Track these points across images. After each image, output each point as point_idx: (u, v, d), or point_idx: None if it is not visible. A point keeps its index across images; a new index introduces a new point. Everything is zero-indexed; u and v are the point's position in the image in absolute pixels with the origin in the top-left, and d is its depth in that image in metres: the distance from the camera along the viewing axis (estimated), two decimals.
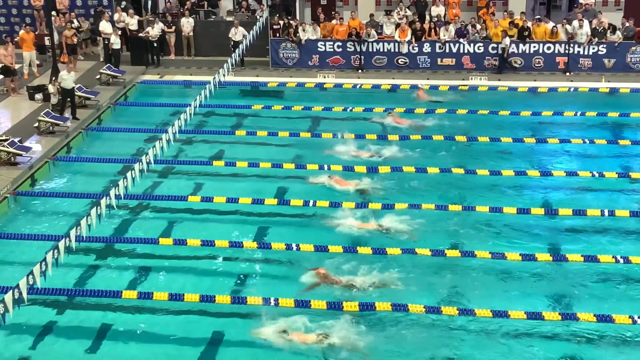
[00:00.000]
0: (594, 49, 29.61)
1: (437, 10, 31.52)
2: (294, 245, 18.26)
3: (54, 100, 25.81)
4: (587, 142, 24.15)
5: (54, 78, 26.49)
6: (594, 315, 15.81)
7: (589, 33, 29.49)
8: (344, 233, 19.17)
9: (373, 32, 30.49)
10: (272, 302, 16.13)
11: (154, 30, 30.87)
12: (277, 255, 18.30)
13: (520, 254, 17.97)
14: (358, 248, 18.29)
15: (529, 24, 30.03)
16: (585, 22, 29.55)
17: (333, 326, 15.57)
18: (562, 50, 29.75)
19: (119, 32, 30.59)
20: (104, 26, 30.49)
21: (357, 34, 30.49)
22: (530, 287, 17.27)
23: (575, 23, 29.64)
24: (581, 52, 29.69)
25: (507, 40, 29.59)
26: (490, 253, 17.95)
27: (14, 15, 33.72)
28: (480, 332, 15.81)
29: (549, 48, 29.83)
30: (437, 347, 15.35)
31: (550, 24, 30.02)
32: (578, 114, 26.30)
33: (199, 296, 16.47)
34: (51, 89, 26.01)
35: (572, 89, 28.60)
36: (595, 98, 28.16)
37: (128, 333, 15.91)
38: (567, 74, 29.68)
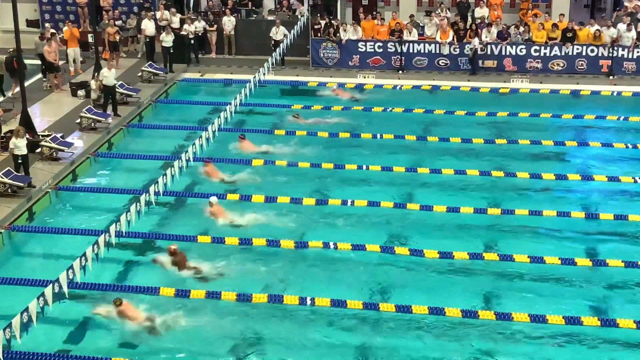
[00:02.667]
0: (638, 52, 29.21)
1: (481, 11, 31.23)
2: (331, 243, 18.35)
3: (94, 96, 26.04)
4: (630, 146, 23.90)
5: (96, 74, 26.76)
6: (635, 322, 15.66)
7: (634, 36, 29.09)
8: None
9: (414, 30, 30.34)
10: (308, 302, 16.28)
11: (191, 28, 30.88)
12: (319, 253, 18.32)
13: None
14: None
15: (573, 26, 29.67)
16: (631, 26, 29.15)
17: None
18: (605, 54, 29.39)
19: (165, 31, 30.60)
20: (145, 24, 30.68)
21: (399, 32, 30.31)
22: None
23: (620, 26, 29.25)
24: (625, 56, 29.29)
25: (476, 41, 29.37)
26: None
27: (58, 12, 34.13)
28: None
29: (592, 51, 29.46)
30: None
31: (595, 27, 29.65)
32: (621, 118, 26.05)
33: (236, 294, 16.55)
34: (93, 85, 26.26)
35: (615, 93, 28.28)
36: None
37: (164, 330, 15.97)
38: (611, 77, 29.33)
